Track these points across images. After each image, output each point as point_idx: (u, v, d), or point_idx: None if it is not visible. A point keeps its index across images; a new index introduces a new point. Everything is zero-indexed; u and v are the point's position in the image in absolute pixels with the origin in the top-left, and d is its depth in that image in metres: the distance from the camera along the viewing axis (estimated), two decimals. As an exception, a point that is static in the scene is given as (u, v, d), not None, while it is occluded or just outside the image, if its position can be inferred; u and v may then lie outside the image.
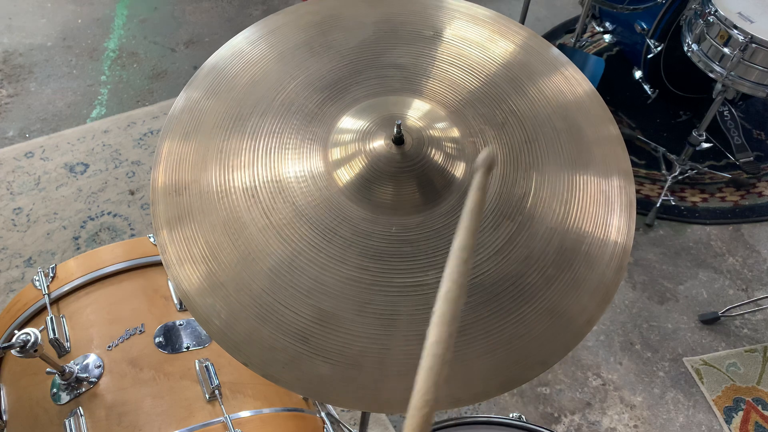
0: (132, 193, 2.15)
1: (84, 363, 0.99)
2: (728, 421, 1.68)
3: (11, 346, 0.86)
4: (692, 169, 2.18)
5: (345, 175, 0.70)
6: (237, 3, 2.94)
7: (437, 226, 0.69)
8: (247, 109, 0.76)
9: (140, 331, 1.03)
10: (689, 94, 2.36)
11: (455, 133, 0.73)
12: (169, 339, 1.03)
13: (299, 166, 0.72)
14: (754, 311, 1.90)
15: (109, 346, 1.01)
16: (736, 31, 1.68)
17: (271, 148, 0.73)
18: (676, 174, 2.15)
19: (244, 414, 0.96)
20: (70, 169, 2.21)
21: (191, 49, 2.69)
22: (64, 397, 0.96)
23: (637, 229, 2.10)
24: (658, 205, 2.10)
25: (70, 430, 0.91)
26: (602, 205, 0.72)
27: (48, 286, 1.08)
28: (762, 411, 1.70)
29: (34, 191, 2.14)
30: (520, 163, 0.73)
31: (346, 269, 0.66)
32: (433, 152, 0.70)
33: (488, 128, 0.75)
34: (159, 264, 1.14)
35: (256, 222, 0.69)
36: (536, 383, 1.74)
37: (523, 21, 2.26)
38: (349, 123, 0.73)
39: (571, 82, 0.80)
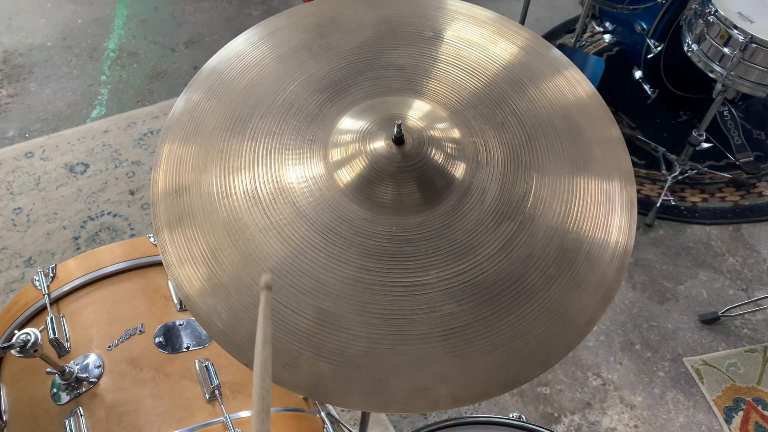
0: (132, 193, 2.15)
1: (84, 363, 0.99)
2: (728, 421, 1.68)
3: (11, 346, 0.86)
4: (692, 169, 2.18)
5: (345, 175, 0.70)
6: (237, 3, 2.94)
7: (438, 225, 0.69)
8: (247, 111, 0.76)
9: (140, 331, 1.03)
10: (689, 94, 2.36)
11: (456, 133, 0.73)
12: (169, 339, 1.03)
13: (300, 167, 0.72)
14: (754, 311, 1.90)
15: (109, 346, 1.01)
16: (736, 31, 1.68)
17: (271, 150, 0.73)
18: (676, 174, 2.15)
19: (244, 414, 0.96)
20: (70, 169, 2.21)
21: (191, 49, 2.69)
22: (64, 397, 0.96)
23: (637, 229, 2.10)
24: (658, 205, 2.10)
25: (70, 430, 0.91)
26: (603, 205, 0.72)
27: (48, 286, 1.08)
28: (762, 411, 1.70)
29: (34, 191, 2.14)
30: (520, 163, 0.73)
31: (347, 269, 0.66)
32: (433, 152, 0.70)
33: (488, 128, 0.75)
34: (159, 264, 1.14)
35: (257, 223, 0.69)
36: (536, 383, 1.74)
37: (523, 21, 2.26)
38: (350, 123, 0.73)
39: (572, 83, 0.80)
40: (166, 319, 1.06)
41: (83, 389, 0.96)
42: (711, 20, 1.74)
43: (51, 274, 1.10)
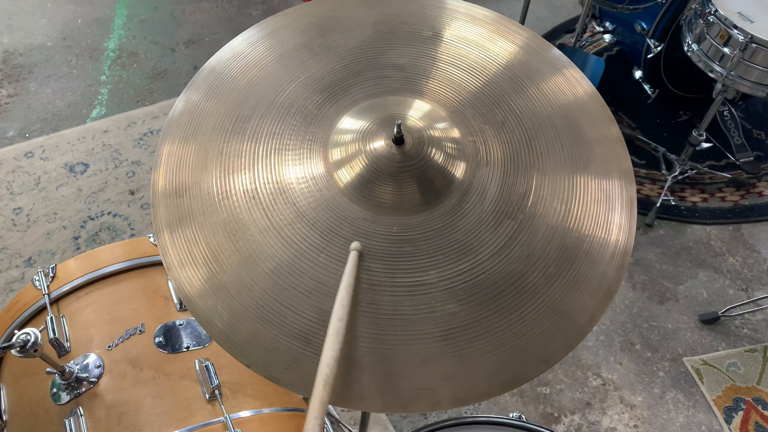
0: (132, 193, 2.15)
1: (84, 363, 0.99)
2: (728, 421, 1.68)
3: (11, 346, 0.86)
4: (692, 169, 2.18)
5: (345, 175, 0.70)
6: (237, 3, 2.94)
7: (438, 225, 0.69)
8: (246, 111, 0.76)
9: (140, 331, 1.03)
10: (689, 94, 2.36)
11: (455, 132, 0.73)
12: (169, 339, 1.03)
13: (300, 167, 0.72)
14: (754, 311, 1.90)
15: (109, 346, 1.01)
16: (736, 31, 1.68)
17: (271, 150, 0.73)
18: (676, 174, 2.15)
19: (244, 414, 0.96)
20: (70, 169, 2.21)
21: (191, 49, 2.69)
22: (64, 397, 0.96)
23: (637, 229, 2.10)
24: (658, 205, 2.10)
25: (70, 430, 0.91)
26: (603, 204, 0.72)
27: (48, 286, 1.08)
28: (762, 411, 1.70)
29: (34, 191, 2.14)
30: (520, 162, 0.73)
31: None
32: (433, 152, 0.70)
33: (488, 128, 0.75)
34: (159, 264, 1.14)
35: (257, 223, 0.69)
36: (536, 383, 1.74)
37: (523, 21, 2.26)
38: (349, 123, 0.73)
39: (571, 82, 0.80)
40: (166, 319, 1.06)
41: (83, 389, 0.96)
42: (711, 20, 1.74)
43: (51, 274, 1.10)
